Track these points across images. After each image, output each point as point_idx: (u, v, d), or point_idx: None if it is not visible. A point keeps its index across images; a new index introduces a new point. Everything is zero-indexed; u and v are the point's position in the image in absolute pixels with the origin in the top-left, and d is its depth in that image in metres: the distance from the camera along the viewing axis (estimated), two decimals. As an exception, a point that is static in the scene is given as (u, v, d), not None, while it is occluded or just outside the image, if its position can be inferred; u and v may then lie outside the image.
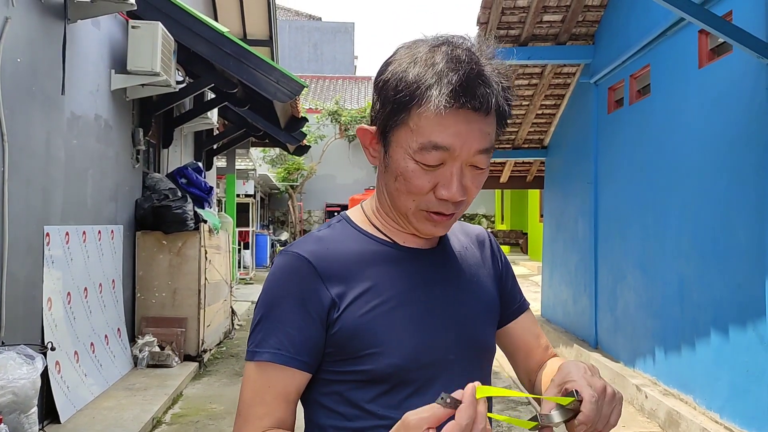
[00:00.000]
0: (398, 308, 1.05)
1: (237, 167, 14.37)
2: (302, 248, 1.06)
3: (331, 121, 23.89)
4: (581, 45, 7.47)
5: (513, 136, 9.93)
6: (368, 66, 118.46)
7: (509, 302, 1.25)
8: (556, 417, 0.87)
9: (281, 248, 1.09)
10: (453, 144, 0.98)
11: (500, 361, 4.81)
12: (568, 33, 7.31)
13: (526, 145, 10.19)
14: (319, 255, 1.05)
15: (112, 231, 5.95)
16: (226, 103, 8.02)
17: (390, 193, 1.07)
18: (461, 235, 1.24)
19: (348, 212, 1.18)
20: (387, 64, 1.04)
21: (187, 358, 6.70)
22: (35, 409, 3.53)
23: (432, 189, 1.02)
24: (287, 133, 9.68)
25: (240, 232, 16.34)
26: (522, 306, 1.27)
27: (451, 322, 1.10)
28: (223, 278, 8.16)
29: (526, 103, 9.05)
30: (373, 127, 1.08)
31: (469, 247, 1.23)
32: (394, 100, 1.00)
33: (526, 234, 21.19)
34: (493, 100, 0.99)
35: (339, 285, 1.04)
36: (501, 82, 1.02)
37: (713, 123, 4.74)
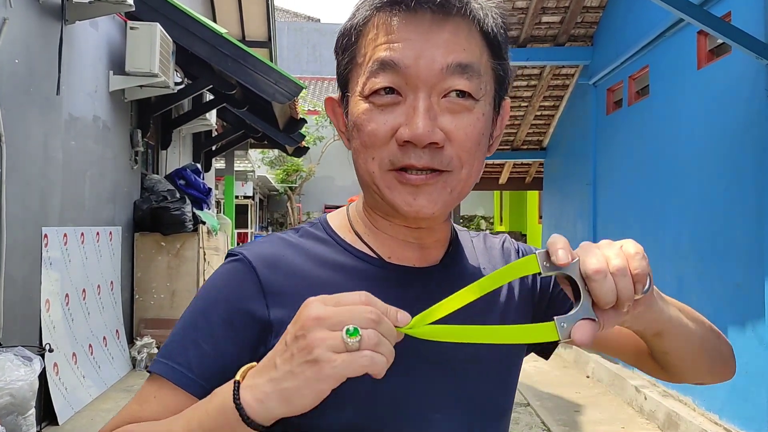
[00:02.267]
0: None
1: (236, 169, 14.36)
2: (252, 250, 0.84)
3: (330, 123, 23.88)
4: (580, 46, 7.47)
5: (512, 138, 9.94)
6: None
7: (557, 304, 0.96)
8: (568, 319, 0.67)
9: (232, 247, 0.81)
10: (403, 58, 0.75)
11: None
12: (566, 34, 7.31)
13: (525, 147, 10.20)
14: (269, 263, 0.82)
15: (110, 232, 5.93)
16: (224, 104, 8.02)
17: (355, 165, 0.83)
18: (481, 251, 0.96)
19: (330, 215, 0.92)
20: None
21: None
22: (33, 410, 3.52)
23: (392, 134, 0.77)
24: (286, 135, 9.67)
25: (239, 234, 16.34)
26: None
27: (443, 370, 0.83)
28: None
29: (525, 104, 9.05)
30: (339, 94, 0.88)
31: (489, 264, 0.94)
32: (342, 45, 0.83)
33: (525, 235, 21.17)
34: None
35: (283, 306, 0.79)
36: None
37: (712, 124, 4.74)
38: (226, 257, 0.86)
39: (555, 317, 0.67)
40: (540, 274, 0.68)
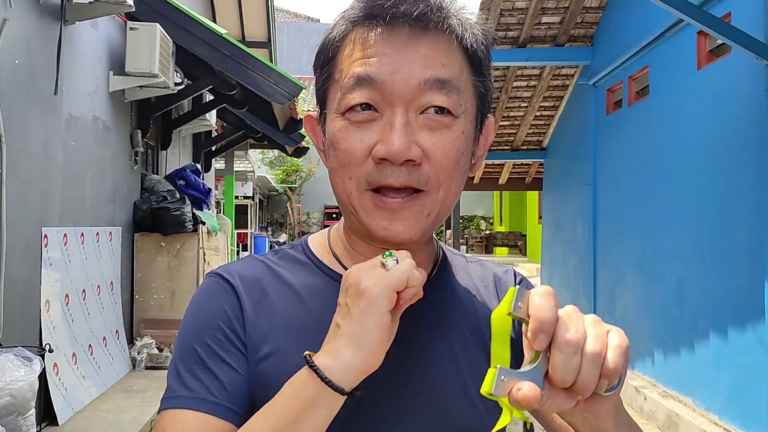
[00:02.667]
0: None
1: (235, 169, 14.36)
2: (228, 270, 0.83)
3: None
4: (580, 46, 7.47)
5: (512, 138, 9.94)
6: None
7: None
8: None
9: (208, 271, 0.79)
10: (379, 73, 0.73)
11: None
12: (566, 34, 7.32)
13: (525, 147, 10.21)
14: (247, 285, 0.82)
15: (110, 233, 5.93)
16: (224, 104, 8.01)
17: (332, 185, 0.81)
18: (474, 277, 0.91)
19: (311, 237, 0.91)
20: None
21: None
22: (33, 411, 3.52)
23: (369, 153, 0.74)
24: (286, 135, 9.67)
25: (238, 234, 16.33)
26: None
27: (423, 404, 0.78)
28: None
29: (525, 104, 9.05)
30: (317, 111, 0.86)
31: (480, 292, 0.89)
32: (320, 62, 0.82)
33: (525, 236, 21.20)
34: (435, 13, 0.74)
35: (256, 330, 0.78)
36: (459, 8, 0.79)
37: (712, 124, 4.74)
38: (206, 276, 0.85)
39: (498, 366, 0.59)
40: (509, 312, 0.60)
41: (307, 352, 0.68)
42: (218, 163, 12.63)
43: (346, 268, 0.84)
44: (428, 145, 0.74)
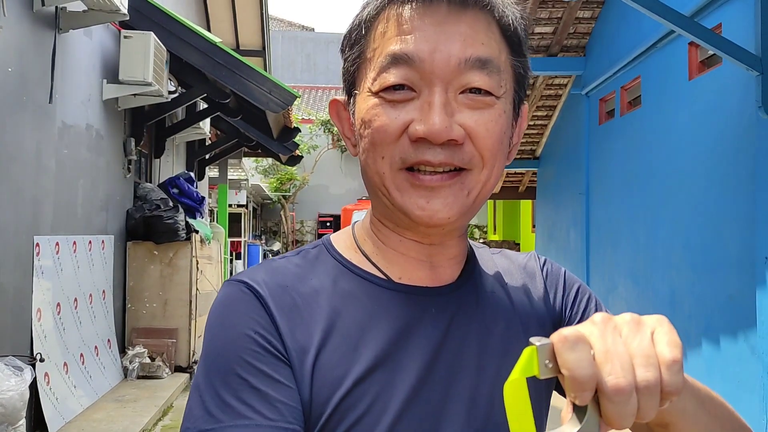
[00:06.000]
0: (374, 375, 0.71)
1: (229, 177, 14.34)
2: (252, 277, 0.75)
3: (324, 132, 23.91)
4: (572, 57, 7.52)
5: (505, 147, 9.98)
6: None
7: None
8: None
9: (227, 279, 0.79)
10: (418, 51, 0.69)
11: None
12: (559, 45, 7.36)
13: (518, 156, 10.24)
14: (272, 290, 0.74)
15: (102, 241, 5.91)
16: (218, 113, 8.01)
17: (363, 168, 0.76)
18: (504, 269, 0.87)
19: (333, 235, 0.85)
20: None
21: (178, 369, 6.65)
22: (23, 421, 3.50)
23: (404, 130, 0.70)
24: (280, 144, 9.67)
25: (232, 242, 16.29)
26: None
27: (458, 404, 0.73)
28: (215, 289, 8.12)
29: (518, 114, 9.09)
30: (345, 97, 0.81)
31: (510, 284, 0.84)
32: (350, 41, 0.77)
33: (519, 244, 21.22)
34: None
35: (295, 342, 0.71)
36: None
37: (703, 134, 4.77)
38: (222, 287, 0.77)
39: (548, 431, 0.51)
40: (537, 376, 0.51)
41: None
42: (212, 172, 12.61)
43: (377, 267, 0.78)
44: (470, 123, 0.70)
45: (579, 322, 0.82)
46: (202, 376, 0.70)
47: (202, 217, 7.89)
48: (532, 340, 0.52)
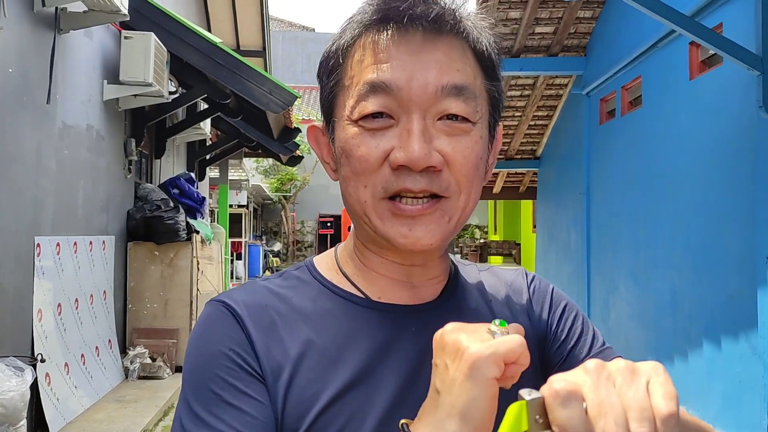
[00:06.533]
0: (351, 393, 0.72)
1: (230, 178, 14.35)
2: (231, 296, 0.77)
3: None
4: (573, 56, 7.52)
5: (506, 147, 9.97)
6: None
7: (572, 362, 0.80)
8: None
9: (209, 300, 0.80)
10: (395, 79, 0.70)
11: None
12: (560, 45, 7.36)
13: (519, 156, 10.24)
14: (251, 309, 0.75)
15: (103, 242, 5.91)
16: (218, 113, 8.02)
17: (344, 196, 0.78)
18: (487, 287, 0.87)
19: (317, 257, 0.86)
20: None
21: (179, 369, 6.64)
22: (24, 421, 3.50)
23: (385, 159, 0.71)
24: (280, 144, 9.68)
25: (233, 243, 16.30)
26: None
27: None
28: (216, 289, 8.12)
29: (519, 114, 9.09)
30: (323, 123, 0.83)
31: (495, 301, 0.84)
32: (327, 68, 0.78)
33: (519, 245, 21.22)
34: (450, 16, 0.73)
35: (270, 359, 0.73)
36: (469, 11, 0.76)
37: (704, 134, 4.77)
38: (206, 305, 0.78)
39: None
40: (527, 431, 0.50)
41: (404, 421, 0.62)
42: (212, 172, 12.62)
43: (357, 288, 0.79)
44: (448, 150, 0.71)
45: (565, 339, 0.83)
46: (182, 393, 0.73)
47: (203, 218, 7.89)
48: (521, 393, 0.50)
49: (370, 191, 0.73)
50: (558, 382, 0.50)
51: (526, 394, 0.50)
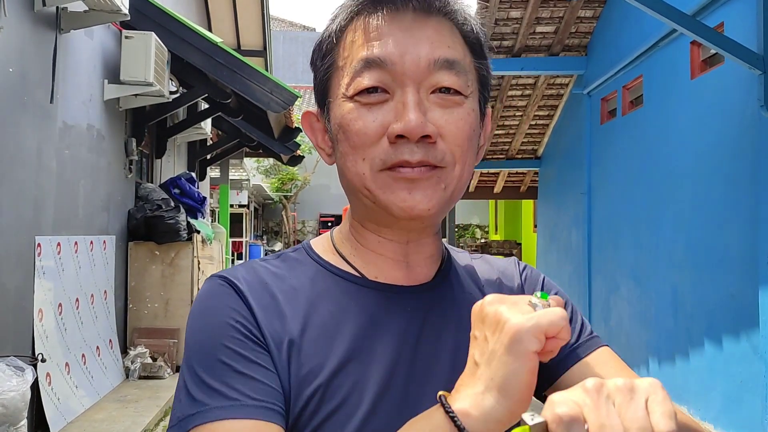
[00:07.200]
0: (349, 366, 0.74)
1: (230, 177, 14.35)
2: (232, 273, 0.79)
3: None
4: (574, 56, 7.51)
5: (507, 147, 9.97)
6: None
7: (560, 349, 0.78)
8: None
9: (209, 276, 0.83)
10: (389, 54, 0.73)
11: None
12: (561, 44, 7.36)
13: (520, 156, 10.23)
14: (251, 285, 0.77)
15: (104, 241, 5.91)
16: (219, 113, 8.01)
17: (342, 171, 0.79)
18: (482, 271, 0.90)
19: (313, 240, 0.88)
20: None
21: (180, 369, 6.65)
22: (25, 421, 3.49)
23: (383, 133, 0.74)
24: (281, 144, 9.67)
25: (233, 243, 16.30)
26: (582, 347, 0.83)
27: (432, 398, 0.69)
28: (216, 289, 8.13)
29: (520, 113, 9.08)
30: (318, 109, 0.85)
31: (487, 286, 0.87)
32: (321, 52, 0.81)
33: (520, 244, 21.20)
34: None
35: (272, 333, 0.74)
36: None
37: (705, 133, 4.76)
38: (206, 281, 0.79)
39: None
40: None
41: (441, 393, 0.61)
42: (213, 172, 12.63)
43: (354, 267, 0.81)
44: (441, 122, 0.74)
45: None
46: (185, 366, 0.73)
47: (204, 218, 7.89)
48: (524, 417, 0.51)
49: (369, 164, 0.75)
50: (560, 405, 0.50)
51: (529, 418, 0.50)
